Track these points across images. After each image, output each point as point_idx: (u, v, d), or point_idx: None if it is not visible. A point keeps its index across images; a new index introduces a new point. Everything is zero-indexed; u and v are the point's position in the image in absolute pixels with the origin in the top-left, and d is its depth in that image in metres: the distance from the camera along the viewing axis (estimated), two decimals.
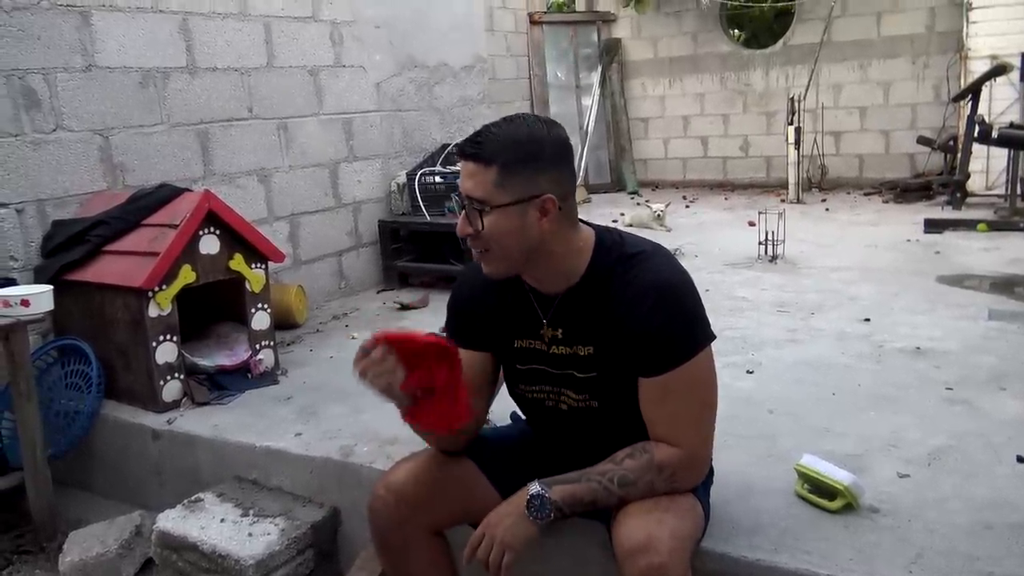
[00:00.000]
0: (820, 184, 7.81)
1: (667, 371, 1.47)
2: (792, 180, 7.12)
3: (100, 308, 2.95)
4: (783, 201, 7.18)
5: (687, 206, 7.39)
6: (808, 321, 3.58)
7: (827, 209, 6.69)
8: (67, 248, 3.03)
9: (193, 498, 2.44)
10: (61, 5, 3.14)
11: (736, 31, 9.23)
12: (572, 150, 1.55)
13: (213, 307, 3.24)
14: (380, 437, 2.45)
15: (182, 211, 2.95)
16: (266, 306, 3.22)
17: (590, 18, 8.88)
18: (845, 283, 4.19)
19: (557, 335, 1.58)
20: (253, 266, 3.15)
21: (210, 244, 2.99)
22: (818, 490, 2.00)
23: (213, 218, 2.99)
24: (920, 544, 1.76)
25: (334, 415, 2.71)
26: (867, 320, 3.51)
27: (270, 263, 3.23)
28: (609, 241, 1.56)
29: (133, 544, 2.50)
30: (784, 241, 4.83)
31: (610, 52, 8.77)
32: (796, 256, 4.87)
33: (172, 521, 2.32)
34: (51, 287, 2.63)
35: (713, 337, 1.54)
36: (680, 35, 8.56)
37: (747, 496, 2.05)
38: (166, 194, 3.09)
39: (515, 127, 1.45)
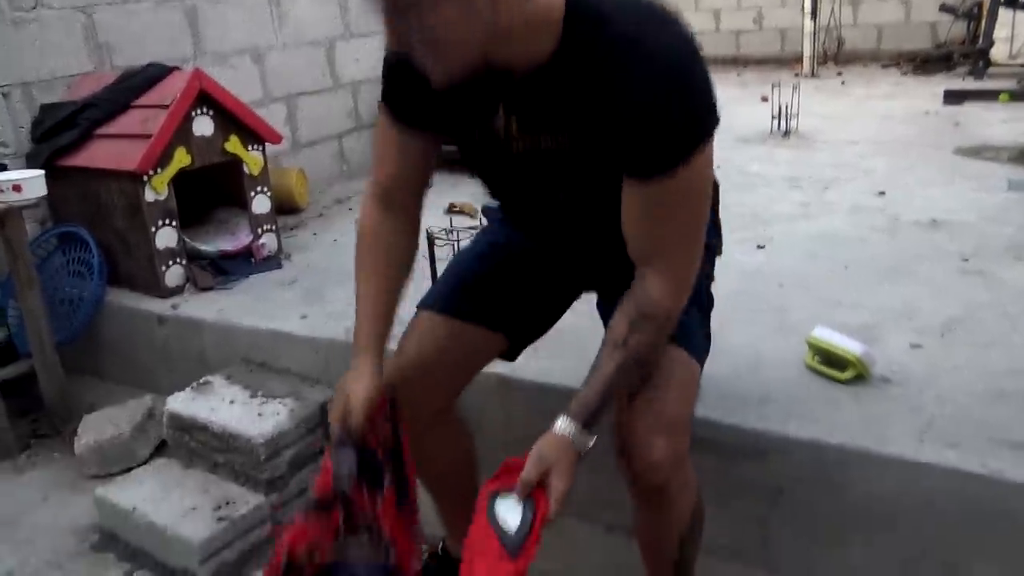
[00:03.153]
0: (836, 57, 7.52)
1: (662, 173, 1.15)
2: (807, 53, 6.85)
3: (96, 193, 2.88)
4: (797, 75, 6.92)
5: None
6: (821, 195, 3.49)
7: (843, 83, 6.46)
8: (58, 132, 2.94)
9: (202, 380, 2.44)
10: None
11: None
12: None
13: (212, 192, 3.17)
14: None
15: (173, 91, 2.84)
16: (266, 189, 3.14)
17: None
18: (860, 156, 4.08)
19: (513, 125, 1.27)
20: (250, 148, 3.06)
21: (204, 125, 2.90)
22: (829, 361, 1.98)
23: (205, 98, 2.88)
24: (932, 412, 1.74)
25: (339, 297, 2.68)
26: (882, 193, 3.42)
27: (268, 145, 3.14)
28: (583, 7, 1.15)
29: (146, 426, 2.53)
30: (798, 115, 4.68)
31: None
32: (810, 130, 4.72)
33: (182, 403, 2.33)
34: (43, 172, 2.56)
35: (718, 121, 1.16)
36: None
37: (757, 369, 2.03)
38: (155, 73, 2.97)
39: None
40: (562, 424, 1.23)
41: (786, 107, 4.60)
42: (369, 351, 1.38)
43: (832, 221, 3.14)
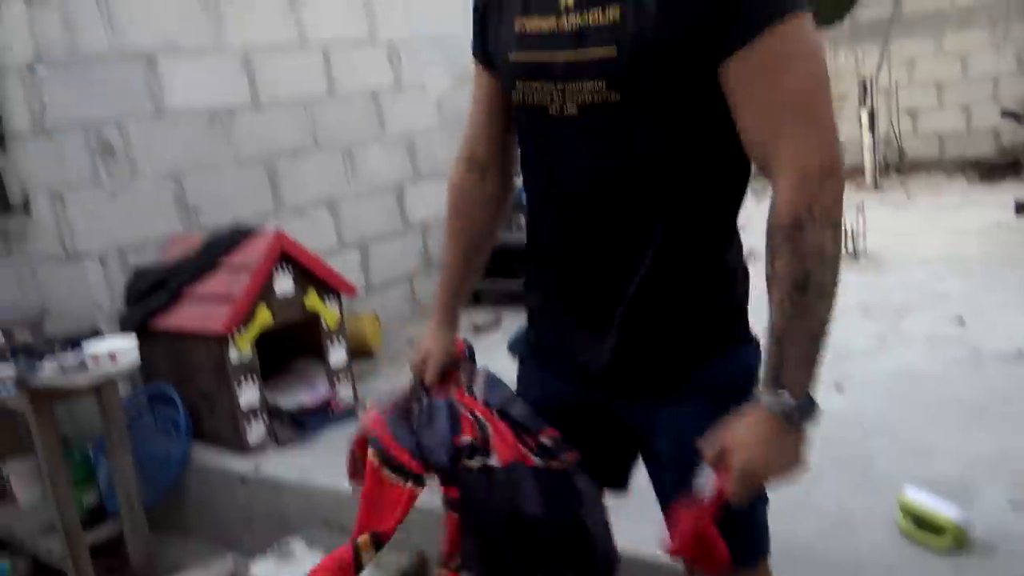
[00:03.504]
0: (899, 167, 7.50)
1: (758, 33, 1.02)
2: (868, 166, 6.85)
3: (183, 354, 3.01)
4: (860, 188, 6.92)
5: (758, 199, 7.19)
6: (897, 324, 3.43)
7: (908, 195, 6.42)
8: (149, 294, 3.10)
9: (283, 544, 2.46)
10: (129, 53, 3.20)
11: None
12: None
13: (290, 342, 3.27)
14: None
15: (255, 252, 2.99)
16: (342, 340, 3.24)
17: None
18: (933, 278, 4.01)
19: (570, 3, 1.13)
20: (327, 301, 3.17)
21: (284, 283, 3.02)
22: (923, 524, 1.91)
23: (286, 257, 3.01)
24: None
25: None
26: (960, 320, 3.34)
27: (343, 296, 3.25)
28: None
29: None
30: (865, 235, 4.65)
31: None
32: (878, 249, 4.68)
33: (265, 570, 2.35)
34: (136, 340, 2.69)
35: (809, 11, 1.04)
36: None
37: (846, 529, 1.97)
38: (240, 235, 3.13)
39: None
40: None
41: (852, 228, 4.58)
42: (446, 316, 1.49)
43: (910, 355, 3.07)
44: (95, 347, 2.59)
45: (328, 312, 3.18)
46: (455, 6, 1.04)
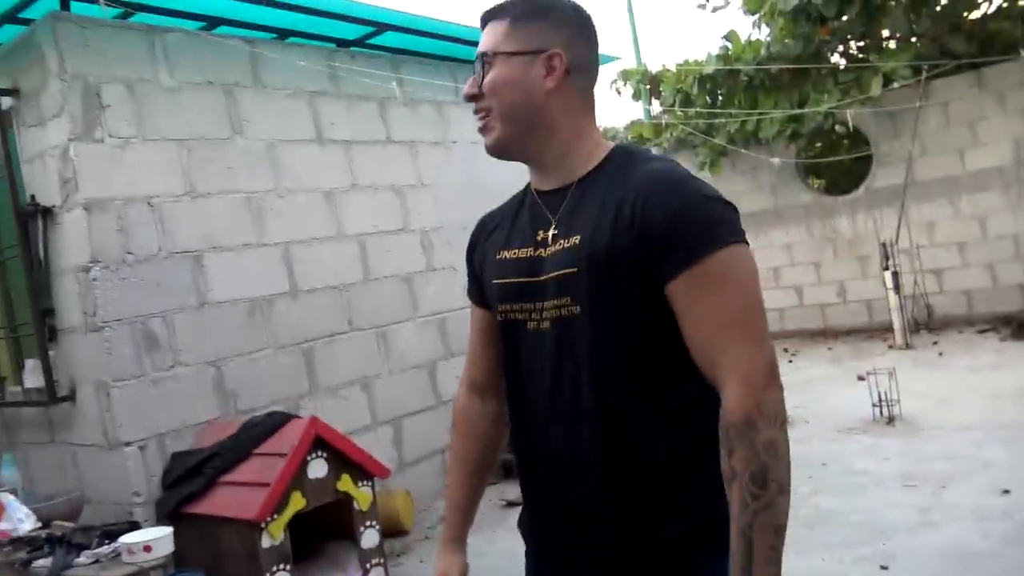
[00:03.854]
0: (928, 325, 7.50)
1: (698, 260, 1.16)
2: (897, 325, 6.88)
3: (216, 539, 3.01)
4: (891, 347, 6.91)
5: (789, 360, 7.19)
6: (940, 496, 3.34)
7: (940, 353, 6.39)
8: (185, 480, 3.14)
9: None
10: (177, 253, 3.42)
11: (814, 179, 9.27)
12: (594, 28, 1.39)
13: (322, 523, 3.26)
14: None
15: (291, 438, 3.04)
16: (374, 523, 3.23)
17: None
18: (974, 445, 3.93)
19: (553, 233, 1.32)
20: (360, 484, 3.19)
21: (318, 468, 3.06)
22: None
23: (320, 443, 3.07)
24: None
25: None
26: (1006, 492, 3.25)
27: (376, 479, 3.27)
28: (633, 147, 1.36)
29: None
30: (899, 400, 4.60)
31: None
32: (915, 414, 4.62)
33: None
34: (171, 530, 2.72)
35: (745, 242, 1.20)
36: (758, 190, 8.64)
37: None
38: (275, 422, 3.20)
39: None
40: None
41: (885, 393, 4.55)
42: (454, 541, 1.52)
43: (957, 531, 2.97)
44: (131, 538, 2.62)
45: (361, 494, 3.19)
46: (482, 195, 1.14)
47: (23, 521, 2.89)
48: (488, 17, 1.36)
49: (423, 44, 4.57)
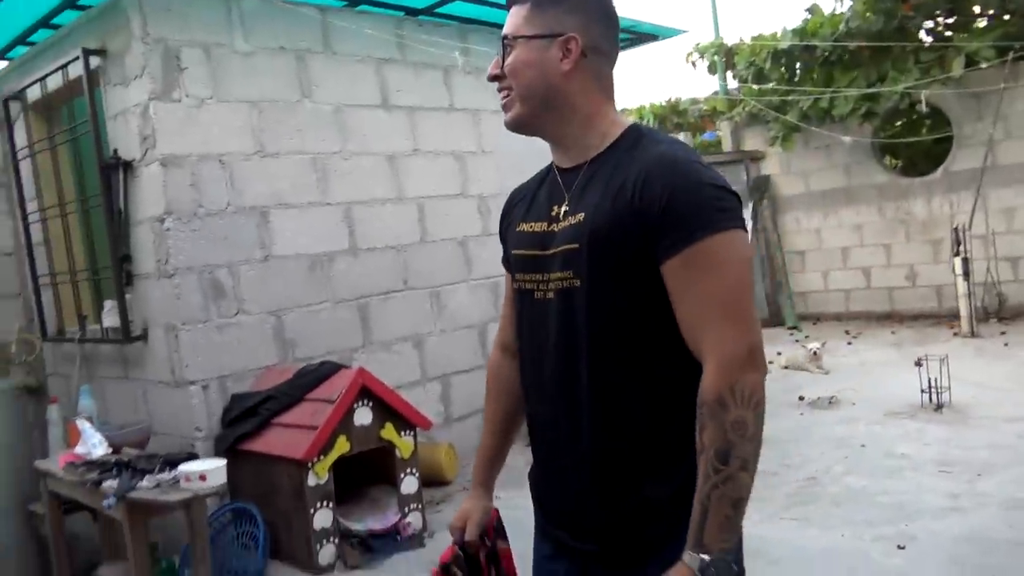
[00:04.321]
0: (999, 314, 7.30)
1: (691, 243, 1.24)
2: (964, 313, 6.72)
3: (267, 475, 3.25)
4: (956, 335, 6.77)
5: (849, 343, 7.11)
6: (974, 484, 3.34)
7: (1006, 344, 6.23)
8: (243, 420, 3.39)
9: None
10: (245, 208, 3.65)
11: (891, 159, 9.02)
12: (613, 12, 1.47)
13: (365, 469, 3.47)
14: None
15: (339, 387, 3.25)
16: (414, 471, 3.42)
17: (738, 157, 8.99)
18: (1019, 437, 3.89)
19: (565, 209, 1.41)
20: (402, 434, 3.39)
21: (363, 416, 3.26)
22: None
23: (366, 392, 3.27)
24: None
25: None
26: None
27: (419, 429, 3.45)
28: (647, 129, 1.44)
29: None
30: (949, 387, 4.55)
31: (760, 189, 8.80)
32: (966, 402, 4.56)
33: None
34: (225, 462, 2.94)
35: (740, 228, 1.27)
36: (831, 168, 8.47)
37: None
38: (326, 371, 3.41)
39: None
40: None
41: (935, 380, 4.50)
42: (483, 485, 1.65)
43: (984, 518, 2.99)
44: (188, 467, 2.86)
45: (403, 443, 3.39)
46: (540, 164, 1.21)
47: (96, 447, 3.18)
48: (512, 1, 1.43)
49: (490, 14, 4.66)
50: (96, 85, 3.61)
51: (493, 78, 1.45)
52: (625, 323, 1.33)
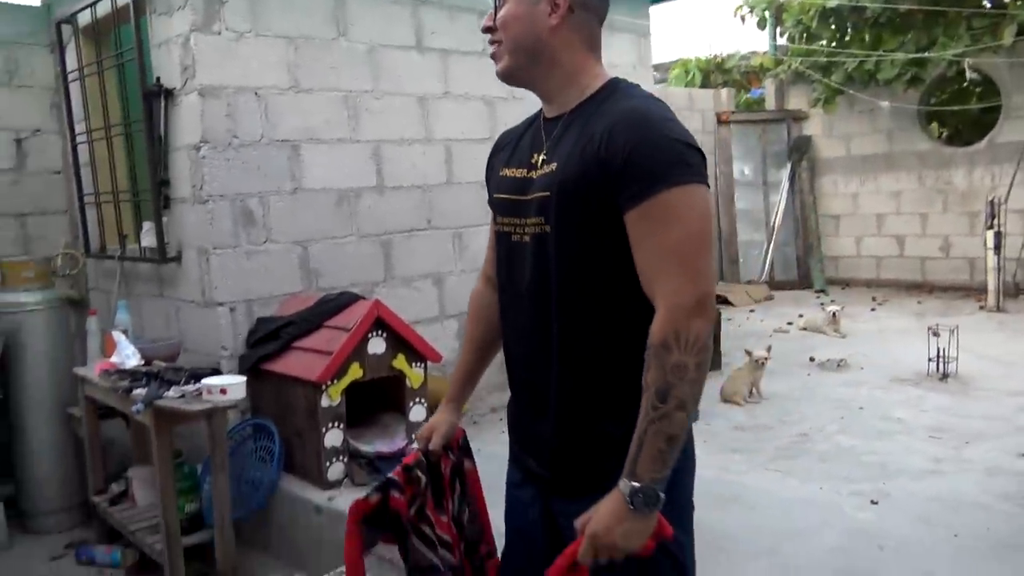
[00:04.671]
0: None
1: (649, 196, 1.32)
2: (991, 287, 6.70)
3: (285, 395, 3.48)
4: (981, 308, 6.75)
5: (873, 309, 7.13)
6: (960, 451, 3.45)
7: None
8: (265, 342, 3.61)
9: (339, 570, 2.81)
10: (277, 141, 3.81)
11: (937, 127, 8.86)
12: None
13: (377, 397, 3.68)
14: None
15: (356, 316, 3.44)
16: (423, 400, 3.62)
17: (780, 116, 8.91)
18: (1018, 410, 3.96)
19: (542, 158, 1.50)
20: (413, 365, 3.57)
21: (377, 345, 3.45)
22: None
23: (381, 323, 3.45)
24: None
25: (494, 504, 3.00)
26: None
27: (429, 362, 3.64)
28: (625, 84, 1.51)
29: None
30: (957, 358, 4.61)
31: (800, 149, 8.73)
32: (972, 374, 4.62)
33: None
34: (244, 379, 3.17)
35: (700, 183, 1.35)
36: (874, 133, 8.37)
37: None
38: (345, 300, 3.60)
39: None
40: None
41: (943, 349, 4.56)
42: (454, 401, 1.81)
43: (961, 482, 3.10)
44: (211, 381, 3.09)
45: (413, 374, 3.58)
46: None
47: (130, 357, 3.43)
48: None
49: None
50: (142, 13, 3.77)
51: (486, 30, 1.55)
52: (590, 270, 1.44)
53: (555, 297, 1.48)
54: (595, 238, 1.42)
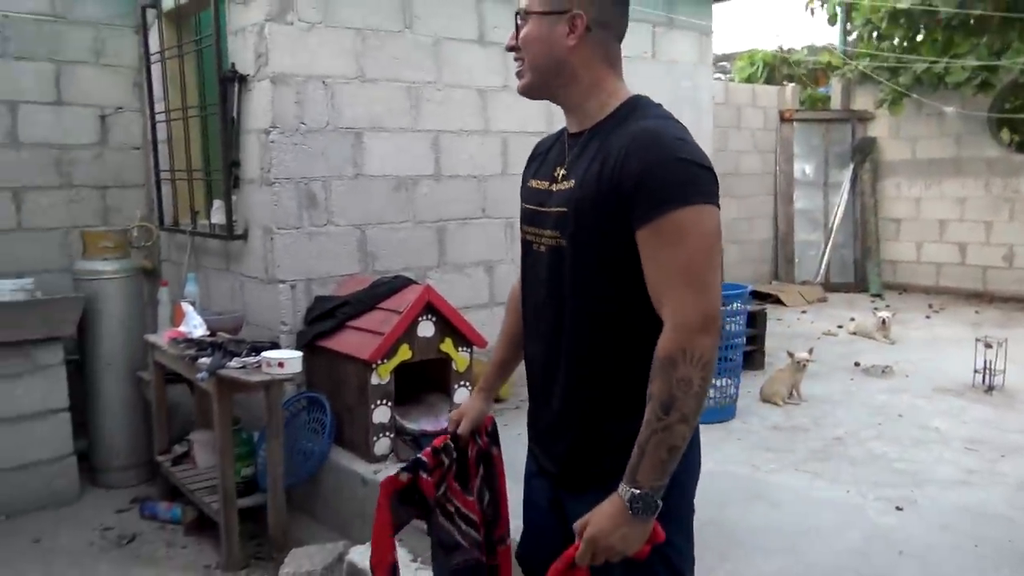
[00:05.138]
0: None
1: (660, 215, 1.39)
2: None
3: (337, 371, 3.67)
4: None
5: (928, 317, 7.05)
6: (994, 464, 3.46)
7: None
8: (321, 320, 3.81)
9: None
10: (342, 128, 3.99)
11: (1009, 134, 8.64)
12: None
13: (424, 378, 3.85)
14: None
15: (407, 300, 3.61)
16: (467, 384, 3.78)
17: (845, 116, 8.80)
18: None
19: (563, 173, 1.58)
20: (460, 349, 3.74)
21: (426, 328, 3.62)
22: None
23: (431, 308, 3.62)
24: None
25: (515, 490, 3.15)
26: None
27: (475, 347, 3.80)
28: (644, 101, 1.56)
29: (334, 568, 3.11)
30: (1004, 370, 4.58)
31: (864, 151, 8.62)
32: (1019, 388, 4.59)
33: (359, 555, 2.90)
34: (301, 354, 3.37)
35: (710, 203, 1.41)
36: (941, 136, 8.22)
37: None
38: (398, 284, 3.78)
39: None
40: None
41: (990, 361, 4.54)
42: (486, 390, 1.93)
43: (991, 495, 3.13)
44: (270, 354, 3.30)
45: (459, 357, 3.74)
46: None
47: (197, 327, 3.66)
48: None
49: None
50: (221, 1, 3.98)
51: (510, 48, 1.62)
52: (602, 285, 1.51)
53: (567, 307, 1.56)
54: (608, 255, 1.49)
